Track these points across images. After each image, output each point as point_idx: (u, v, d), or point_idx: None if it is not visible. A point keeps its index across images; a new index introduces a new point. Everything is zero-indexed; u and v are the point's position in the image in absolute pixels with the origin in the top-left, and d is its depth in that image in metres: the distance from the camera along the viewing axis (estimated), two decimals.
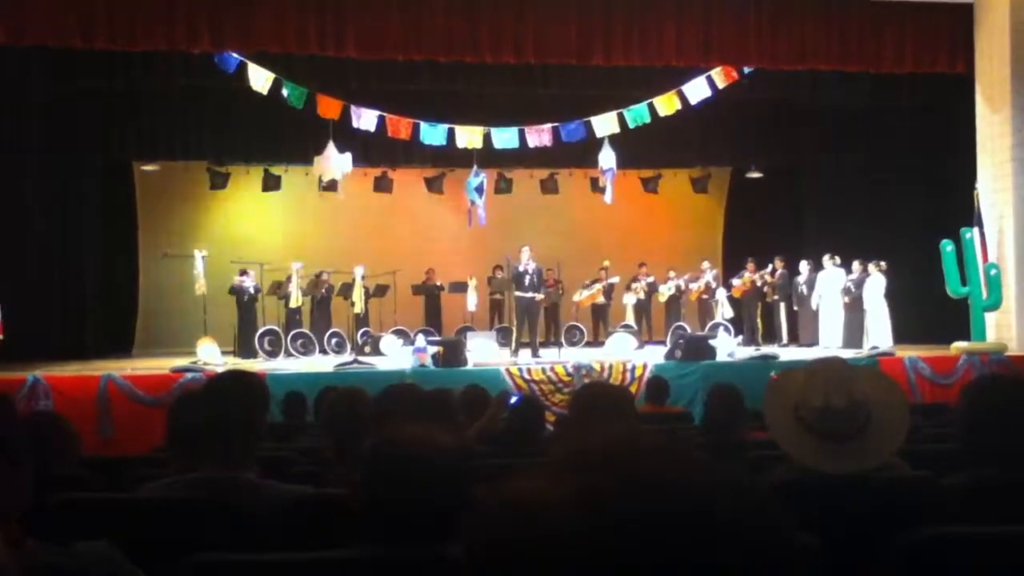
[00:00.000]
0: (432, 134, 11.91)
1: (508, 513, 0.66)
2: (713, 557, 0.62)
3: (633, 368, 9.49)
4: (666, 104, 11.81)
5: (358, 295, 12.66)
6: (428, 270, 14.11)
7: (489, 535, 0.66)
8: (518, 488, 0.67)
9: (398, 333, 12.52)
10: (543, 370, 9.47)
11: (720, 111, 12.56)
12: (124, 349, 13.55)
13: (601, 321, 14.00)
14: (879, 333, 11.89)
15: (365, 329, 12.81)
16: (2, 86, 10.86)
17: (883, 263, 12.10)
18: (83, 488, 2.73)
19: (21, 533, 1.55)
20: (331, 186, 12.80)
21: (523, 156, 12.77)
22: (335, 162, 11.85)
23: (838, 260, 12.67)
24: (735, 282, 13.48)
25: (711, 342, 10.35)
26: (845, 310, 12.42)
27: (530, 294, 11.44)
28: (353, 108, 11.56)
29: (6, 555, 1.41)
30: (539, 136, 12.12)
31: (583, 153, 12.70)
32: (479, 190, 12.55)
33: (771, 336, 13.48)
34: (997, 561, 1.93)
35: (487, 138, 12.05)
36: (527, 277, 11.43)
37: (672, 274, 13.86)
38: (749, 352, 10.89)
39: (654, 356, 10.37)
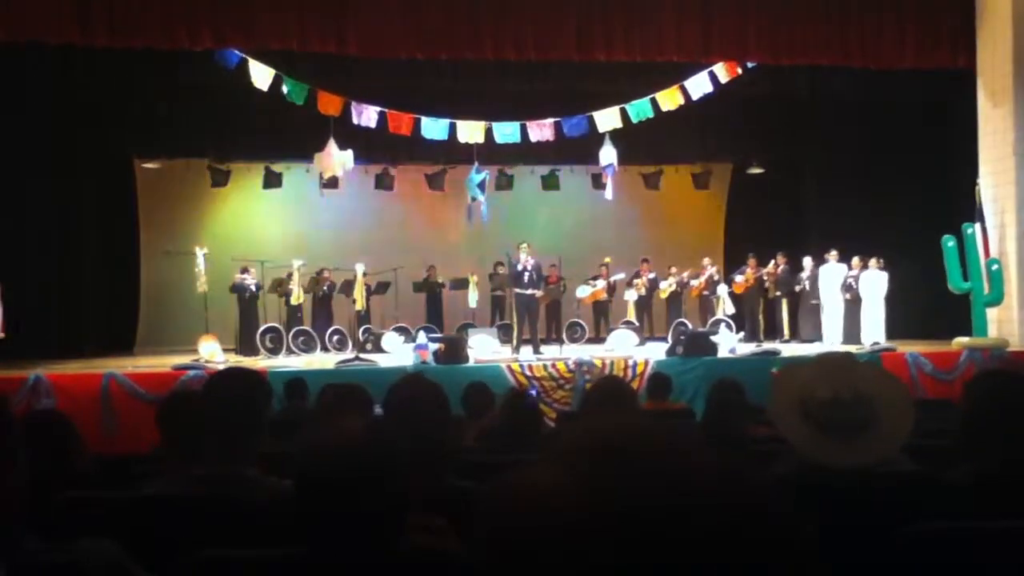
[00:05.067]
0: (433, 128, 11.91)
1: (514, 503, 0.66)
2: (718, 548, 0.62)
3: (635, 364, 9.50)
4: (668, 99, 11.80)
5: (359, 292, 12.66)
6: (429, 267, 14.11)
7: (496, 525, 0.66)
8: (525, 479, 0.67)
9: (399, 330, 12.53)
10: (545, 367, 9.48)
11: (721, 107, 12.55)
12: (126, 347, 13.56)
13: (603, 317, 14.00)
14: (872, 329, 11.90)
15: (367, 326, 12.81)
16: (3, 84, 10.86)
17: (881, 259, 12.11)
18: (87, 486, 2.73)
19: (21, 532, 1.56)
20: (332, 183, 12.81)
21: (524, 152, 12.77)
22: (336, 159, 11.86)
23: (838, 256, 12.70)
24: (737, 278, 13.49)
25: (712, 338, 10.35)
26: (846, 305, 12.43)
27: (529, 291, 11.44)
28: (354, 105, 11.56)
29: None
30: (541, 131, 12.11)
31: (584, 149, 12.69)
32: (482, 186, 12.55)
33: (773, 332, 13.49)
34: (999, 555, 1.93)
35: (488, 133, 12.04)
36: (526, 274, 11.43)
37: (673, 270, 13.87)
38: (751, 348, 10.89)
39: (656, 352, 10.37)
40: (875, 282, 12.10)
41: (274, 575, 1.71)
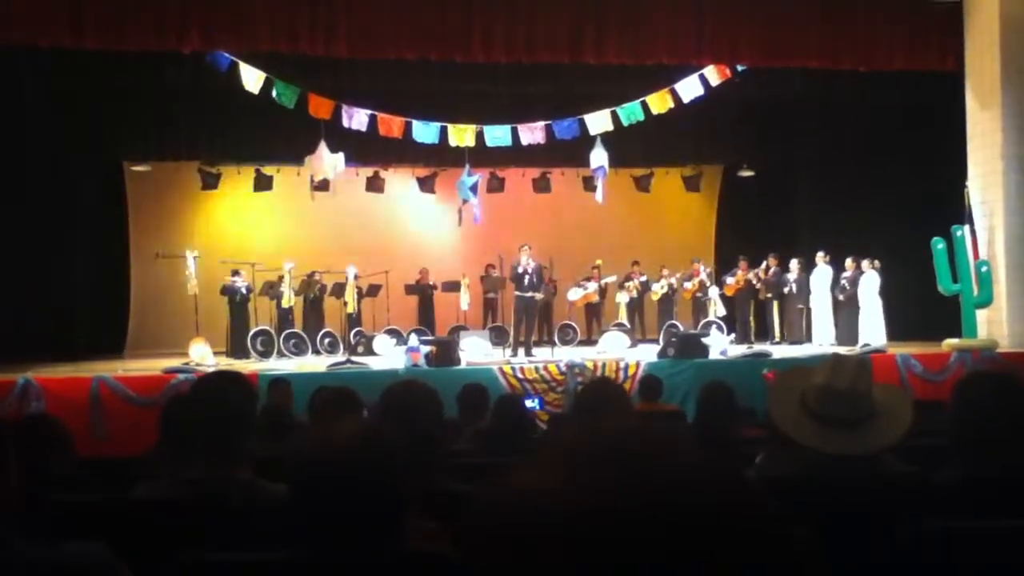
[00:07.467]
0: (424, 132, 11.89)
1: (505, 506, 0.66)
2: (709, 550, 0.62)
3: (626, 366, 9.50)
4: (659, 102, 11.82)
5: (351, 295, 12.63)
6: (421, 269, 14.09)
7: (486, 528, 0.66)
8: (516, 480, 0.67)
9: (391, 333, 12.51)
10: (536, 369, 9.47)
11: (712, 109, 12.57)
12: (116, 350, 13.50)
13: (594, 319, 14.00)
14: (872, 330, 11.94)
15: (358, 329, 12.79)
16: None
17: (876, 260, 12.17)
18: (79, 489, 2.72)
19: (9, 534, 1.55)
20: (323, 186, 12.77)
21: (515, 155, 12.77)
22: (327, 161, 11.84)
23: (827, 257, 12.74)
24: (728, 280, 13.52)
25: (704, 340, 10.36)
26: (839, 307, 12.47)
27: (530, 293, 11.43)
28: (344, 107, 11.54)
29: None
30: (532, 134, 12.11)
31: (575, 152, 12.70)
32: (473, 189, 12.54)
33: (764, 334, 13.52)
34: (987, 554, 1.94)
35: (479, 136, 12.03)
36: (527, 277, 11.42)
37: (665, 272, 13.88)
38: (742, 350, 10.91)
39: (647, 354, 10.38)
40: (870, 282, 12.16)
41: None
